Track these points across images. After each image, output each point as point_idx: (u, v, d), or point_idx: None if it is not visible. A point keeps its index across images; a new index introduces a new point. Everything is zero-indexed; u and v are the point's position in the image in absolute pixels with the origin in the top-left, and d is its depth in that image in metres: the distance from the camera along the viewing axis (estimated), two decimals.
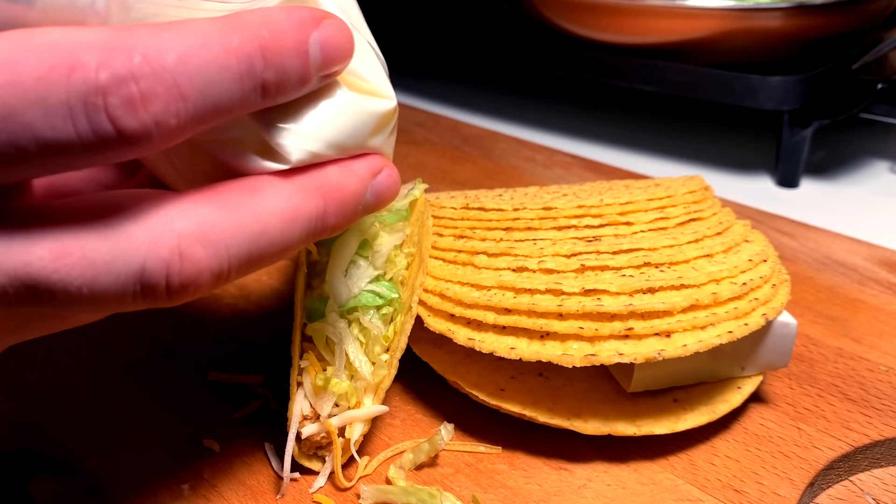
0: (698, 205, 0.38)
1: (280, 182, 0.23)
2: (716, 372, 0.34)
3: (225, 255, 0.21)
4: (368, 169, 0.25)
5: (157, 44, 0.19)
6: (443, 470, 0.32)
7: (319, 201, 0.23)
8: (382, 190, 0.25)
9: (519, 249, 0.34)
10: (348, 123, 0.24)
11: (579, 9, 0.63)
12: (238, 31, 0.20)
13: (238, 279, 0.22)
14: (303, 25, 0.21)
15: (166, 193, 0.21)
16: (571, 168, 0.61)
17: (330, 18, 0.22)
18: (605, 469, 0.32)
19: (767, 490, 0.31)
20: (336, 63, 0.23)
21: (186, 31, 0.20)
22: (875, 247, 0.49)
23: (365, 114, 0.24)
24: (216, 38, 0.20)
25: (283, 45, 0.21)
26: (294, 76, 0.22)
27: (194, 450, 0.33)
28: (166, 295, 0.20)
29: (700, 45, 0.59)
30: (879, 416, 0.34)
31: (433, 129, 0.69)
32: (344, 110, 0.24)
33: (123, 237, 0.20)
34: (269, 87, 0.21)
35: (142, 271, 0.20)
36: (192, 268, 0.20)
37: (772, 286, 0.33)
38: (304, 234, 0.23)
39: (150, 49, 0.19)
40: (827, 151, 0.66)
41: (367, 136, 0.25)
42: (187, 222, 0.21)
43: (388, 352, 0.32)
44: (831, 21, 0.58)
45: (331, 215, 0.24)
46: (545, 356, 0.30)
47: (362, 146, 0.25)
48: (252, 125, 0.23)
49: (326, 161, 0.24)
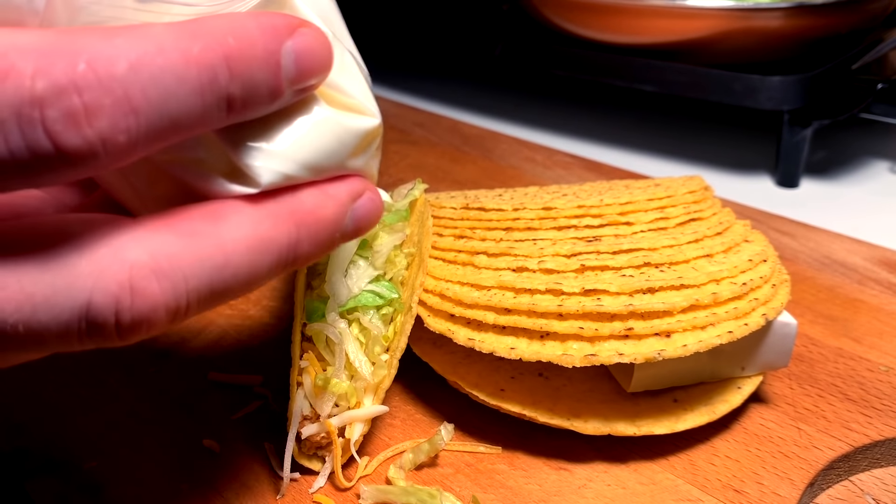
0: (698, 205, 0.38)
1: (247, 207, 0.21)
2: (716, 372, 0.34)
3: (183, 288, 0.19)
4: (348, 192, 0.23)
5: (106, 49, 0.17)
6: (443, 470, 0.32)
7: (292, 228, 0.21)
8: (363, 215, 0.23)
9: (519, 249, 0.34)
10: (326, 142, 0.22)
11: (579, 8, 0.63)
12: (200, 37, 0.18)
13: (200, 314, 0.20)
14: (275, 33, 0.19)
15: (119, 219, 0.19)
16: (571, 168, 0.61)
17: (306, 26, 0.20)
18: (605, 469, 0.32)
19: (767, 490, 0.31)
20: (312, 76, 0.21)
21: (140, 35, 0.17)
22: (875, 247, 0.49)
23: (345, 132, 0.22)
24: (174, 45, 0.18)
25: (252, 54, 0.19)
26: (264, 90, 0.19)
27: (194, 450, 0.33)
28: (116, 334, 0.18)
29: (700, 45, 0.59)
30: (879, 417, 0.34)
31: (433, 129, 0.69)
32: (321, 128, 0.22)
33: (67, 269, 0.18)
34: (234, 102, 0.19)
35: (87, 308, 0.18)
36: (144, 303, 0.18)
37: (772, 286, 0.33)
38: (273, 264, 0.21)
39: (97, 55, 0.17)
40: (827, 151, 0.66)
41: (347, 156, 0.23)
42: (141, 252, 0.18)
43: (388, 352, 0.32)
44: (831, 21, 0.58)
45: (304, 243, 0.21)
46: (545, 356, 0.30)
47: (342, 167, 0.23)
48: (218, 144, 0.21)
49: (301, 184, 0.22)
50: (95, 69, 0.16)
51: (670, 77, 0.61)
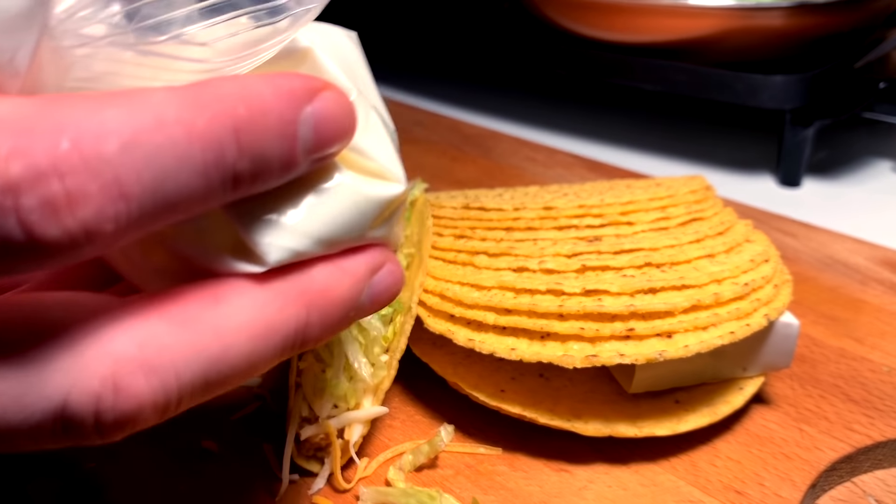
0: (700, 204, 0.38)
1: (251, 288, 0.18)
2: (717, 373, 0.34)
3: (173, 383, 0.17)
4: (366, 266, 0.20)
5: (95, 124, 0.15)
6: (443, 471, 0.32)
7: (301, 311, 0.19)
8: (381, 291, 0.21)
9: (519, 249, 0.34)
10: (344, 214, 0.20)
11: (580, 7, 0.63)
12: (206, 106, 0.16)
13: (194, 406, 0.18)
14: (292, 99, 0.17)
15: (105, 302, 0.18)
16: (572, 167, 0.61)
17: (328, 89, 0.18)
18: (606, 471, 0.32)
19: (769, 491, 0.30)
20: (332, 144, 0.19)
21: (136, 106, 0.15)
22: (877, 247, 0.48)
23: (365, 202, 0.20)
24: (176, 117, 0.15)
25: (265, 124, 0.17)
26: (276, 163, 0.17)
27: (193, 451, 0.33)
28: (96, 434, 0.17)
29: (702, 44, 0.58)
30: (882, 417, 0.34)
31: (433, 129, 0.69)
32: (339, 198, 0.19)
33: (42, 363, 0.16)
34: (242, 178, 0.17)
35: (63, 407, 0.16)
36: (129, 402, 0.16)
37: (774, 286, 0.33)
38: (277, 351, 0.19)
39: (83, 131, 0.14)
40: (829, 151, 0.66)
41: (366, 227, 0.20)
42: (127, 343, 0.17)
43: (388, 353, 0.32)
44: (833, 20, 0.58)
45: (314, 327, 0.19)
46: (546, 357, 0.30)
47: (360, 239, 0.20)
48: (221, 216, 0.18)
49: (313, 258, 0.19)
50: (81, 149, 0.14)
51: (671, 76, 0.60)
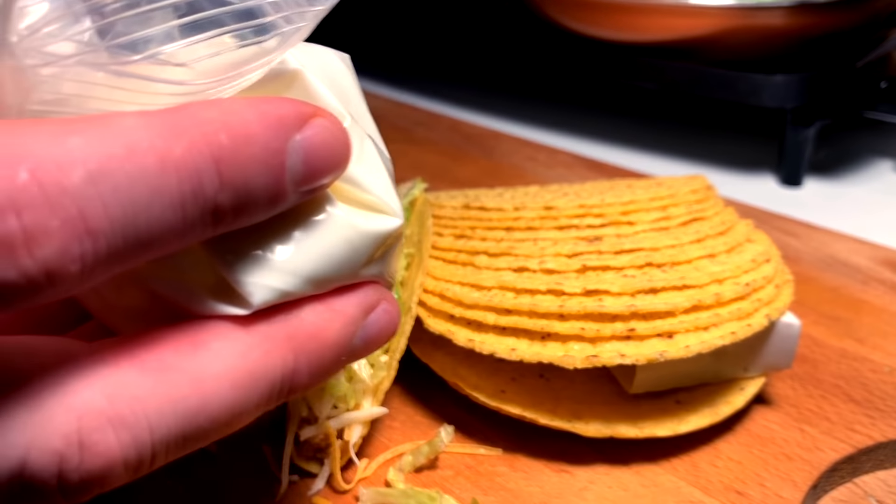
0: (701, 204, 0.38)
1: (234, 331, 0.17)
2: (719, 373, 0.34)
3: (147, 439, 0.15)
4: (359, 307, 0.19)
5: (57, 153, 0.13)
6: (443, 472, 0.32)
7: (288, 356, 0.17)
8: (375, 333, 0.19)
9: (520, 249, 0.34)
10: (335, 251, 0.18)
11: (581, 6, 0.62)
12: (184, 133, 0.14)
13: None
14: (280, 127, 0.16)
15: (72, 347, 0.16)
16: (573, 167, 0.61)
17: (320, 115, 0.17)
18: (607, 471, 0.32)
19: (770, 492, 0.30)
20: (324, 176, 0.17)
21: (105, 131, 0.14)
22: (879, 247, 0.48)
23: (360, 237, 0.18)
24: (149, 144, 0.14)
25: (249, 154, 0.15)
26: (262, 196, 0.16)
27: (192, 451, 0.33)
28: (60, 497, 0.15)
29: (703, 43, 0.58)
30: (883, 418, 0.34)
31: (433, 128, 0.69)
32: (330, 233, 0.18)
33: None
34: (224, 213, 0.15)
35: (22, 468, 0.14)
36: (96, 461, 0.15)
37: (775, 286, 0.33)
38: (262, 400, 0.17)
39: (44, 161, 0.13)
40: (830, 150, 0.66)
41: (360, 265, 0.19)
42: (95, 394, 0.15)
43: (388, 353, 0.32)
44: (835, 19, 0.57)
45: (302, 373, 0.18)
46: (546, 357, 0.30)
47: (353, 277, 0.19)
48: (201, 252, 0.17)
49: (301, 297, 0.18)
50: (41, 180, 0.13)
51: (672, 75, 0.60)
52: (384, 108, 0.71)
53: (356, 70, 0.21)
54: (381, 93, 0.76)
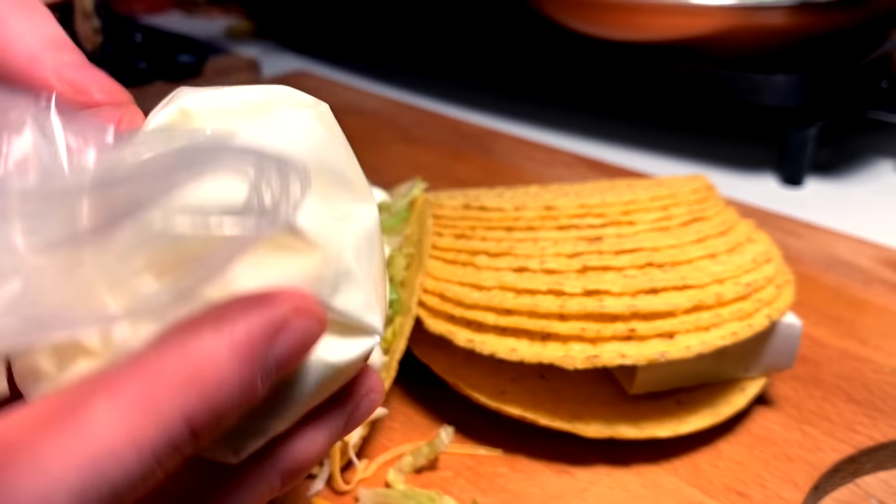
0: (702, 204, 0.38)
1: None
2: (719, 374, 0.33)
3: None
4: (343, 422, 0.20)
5: (41, 486, 0.13)
6: (443, 473, 0.31)
7: (275, 482, 0.18)
8: (363, 414, 0.20)
9: (520, 249, 0.34)
10: (315, 390, 0.18)
11: (582, 5, 0.62)
12: (156, 413, 0.14)
13: None
14: (252, 357, 0.15)
15: None
16: (573, 167, 0.61)
17: (294, 318, 0.16)
18: (608, 472, 0.31)
19: (771, 493, 0.30)
20: (297, 363, 0.17)
21: (81, 435, 0.13)
22: (880, 247, 0.48)
23: (334, 372, 0.18)
24: (126, 440, 0.14)
25: (222, 397, 0.15)
26: (235, 411, 0.15)
27: None
28: None
29: (704, 43, 0.58)
30: (884, 418, 0.34)
31: (433, 128, 0.69)
32: (305, 380, 0.18)
33: None
34: (195, 447, 0.15)
35: None
36: None
37: (776, 287, 0.33)
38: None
39: (31, 500, 0.13)
40: (832, 150, 0.65)
41: (336, 387, 0.19)
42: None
43: (388, 354, 0.32)
44: (836, 18, 0.57)
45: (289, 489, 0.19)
46: (546, 358, 0.30)
47: (329, 394, 0.19)
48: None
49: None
50: None
51: (673, 75, 0.60)
52: (384, 107, 0.71)
53: (356, 70, 0.21)
54: (381, 92, 0.76)
